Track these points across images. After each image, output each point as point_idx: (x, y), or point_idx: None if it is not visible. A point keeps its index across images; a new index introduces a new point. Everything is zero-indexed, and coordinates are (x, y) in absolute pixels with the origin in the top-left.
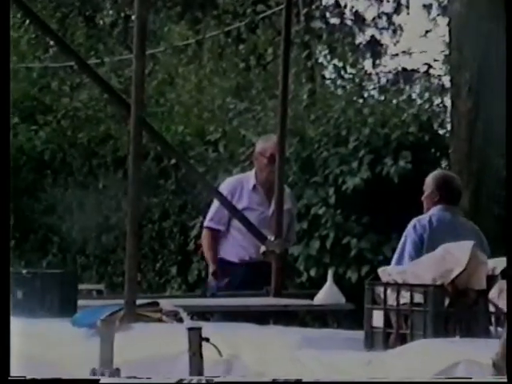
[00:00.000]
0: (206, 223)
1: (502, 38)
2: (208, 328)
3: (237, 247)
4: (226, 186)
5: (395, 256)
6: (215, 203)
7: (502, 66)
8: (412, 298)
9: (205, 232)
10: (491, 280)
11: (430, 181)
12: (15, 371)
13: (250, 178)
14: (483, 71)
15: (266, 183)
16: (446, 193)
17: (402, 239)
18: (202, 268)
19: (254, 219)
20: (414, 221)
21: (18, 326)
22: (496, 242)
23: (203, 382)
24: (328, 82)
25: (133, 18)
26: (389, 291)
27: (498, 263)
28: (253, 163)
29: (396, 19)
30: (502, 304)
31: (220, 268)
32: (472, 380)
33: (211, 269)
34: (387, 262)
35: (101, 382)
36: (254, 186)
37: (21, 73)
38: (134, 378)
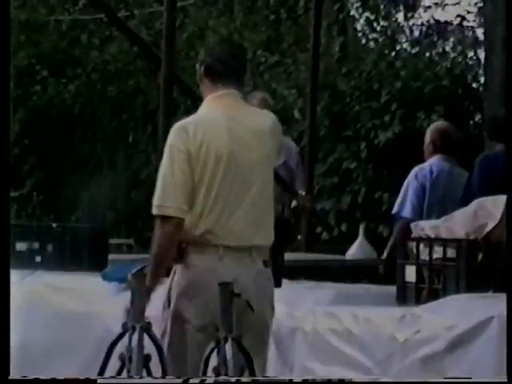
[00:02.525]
0: None
1: None
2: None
3: None
4: None
5: (397, 202)
6: None
7: None
8: (445, 252)
9: None
10: None
11: (428, 132)
12: (46, 324)
13: None
14: None
15: None
16: (443, 144)
17: (404, 186)
18: None
19: None
20: (415, 169)
21: (49, 278)
22: None
23: (208, 381)
24: (360, 34)
25: None
26: (421, 246)
27: None
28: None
29: None
30: None
31: None
32: (472, 380)
33: None
34: None
35: (98, 381)
36: None
37: (50, 25)
38: (134, 377)
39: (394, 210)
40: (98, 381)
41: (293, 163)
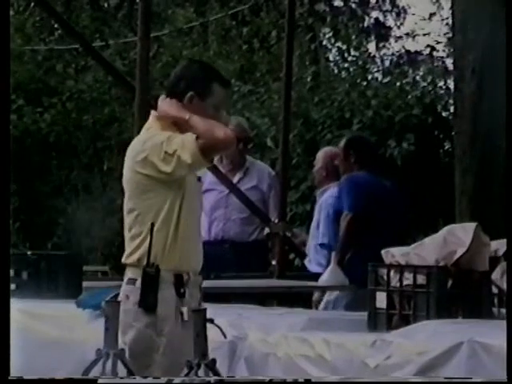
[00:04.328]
0: None
1: (506, 19)
2: (213, 309)
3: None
4: None
5: (322, 232)
6: None
7: (505, 48)
8: (415, 279)
9: None
10: (494, 261)
11: (320, 157)
12: (20, 351)
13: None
14: (487, 53)
15: (230, 164)
16: (337, 169)
17: (324, 216)
18: None
19: (212, 198)
20: (332, 198)
21: (23, 307)
22: (499, 224)
23: (211, 381)
24: (332, 64)
25: (137, 0)
26: (392, 273)
27: (501, 245)
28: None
29: (400, 2)
30: (505, 285)
31: None
32: (472, 380)
33: None
34: None
35: (99, 381)
36: (214, 166)
37: (26, 55)
38: (133, 377)
39: (323, 241)
40: (99, 381)
41: (264, 187)
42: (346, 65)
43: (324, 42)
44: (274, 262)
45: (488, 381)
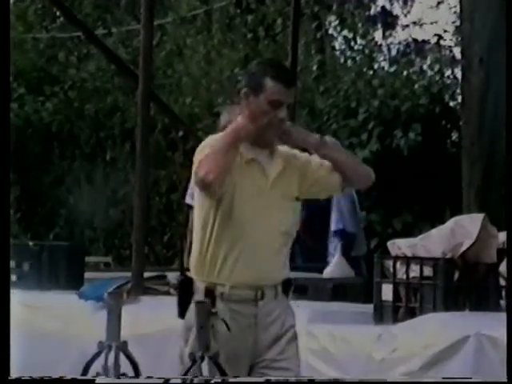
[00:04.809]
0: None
1: None
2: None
3: None
4: None
5: (335, 218)
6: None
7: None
8: (422, 271)
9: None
10: (502, 253)
11: None
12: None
13: None
14: (494, 43)
15: None
16: None
17: (335, 201)
18: None
19: None
20: None
21: (24, 297)
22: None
23: (215, 381)
24: (338, 53)
25: None
26: (398, 264)
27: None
28: None
29: None
30: None
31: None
32: (472, 380)
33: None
34: (397, 235)
35: (97, 381)
36: None
37: (28, 43)
38: (133, 377)
39: (338, 227)
40: (97, 380)
41: None
42: (353, 54)
43: (330, 31)
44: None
45: (488, 381)
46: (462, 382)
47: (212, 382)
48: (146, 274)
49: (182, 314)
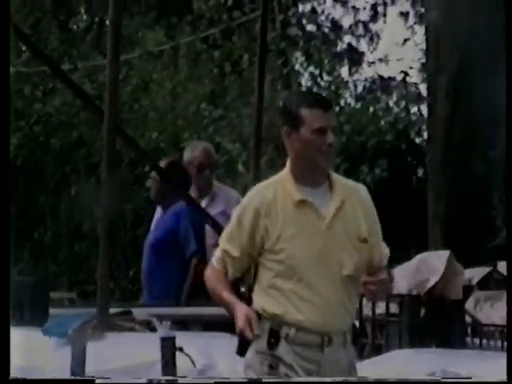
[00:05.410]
0: None
1: (479, 45)
2: (182, 337)
3: None
4: None
5: None
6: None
7: (478, 72)
8: (388, 308)
9: None
10: (468, 290)
11: None
12: None
13: None
14: (460, 78)
15: (197, 191)
16: None
17: None
18: None
19: None
20: None
21: None
22: (471, 251)
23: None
24: (304, 89)
25: (107, 22)
26: (364, 301)
27: (475, 273)
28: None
29: (373, 27)
30: (479, 315)
31: None
32: (472, 380)
33: None
34: None
35: (96, 382)
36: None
37: None
38: (132, 378)
39: None
40: (96, 381)
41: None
42: (319, 90)
43: (296, 67)
44: (243, 289)
45: (488, 381)
46: (461, 382)
47: (212, 382)
48: (112, 310)
49: (242, 351)
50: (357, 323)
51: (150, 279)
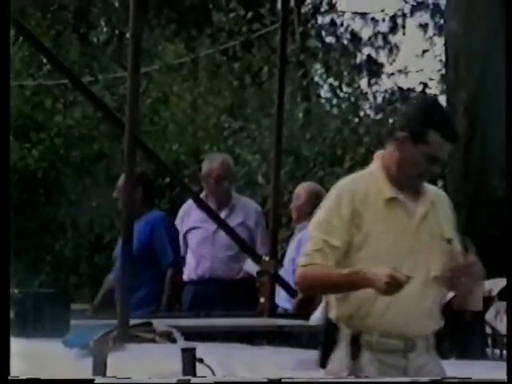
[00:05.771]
0: None
1: (499, 57)
2: (202, 349)
3: (187, 267)
4: (180, 211)
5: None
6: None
7: (498, 85)
8: None
9: None
10: (488, 301)
11: (304, 192)
12: None
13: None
14: (479, 91)
15: (216, 203)
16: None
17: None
18: None
19: (198, 236)
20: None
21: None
22: (491, 262)
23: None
24: (323, 101)
25: (127, 35)
26: None
27: (495, 284)
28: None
29: (392, 38)
30: (499, 326)
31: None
32: (472, 380)
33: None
34: None
35: (96, 381)
36: (202, 202)
37: (14, 90)
38: (130, 378)
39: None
40: (96, 381)
41: (251, 223)
42: (338, 101)
43: (316, 79)
44: (262, 300)
45: (488, 381)
46: (461, 382)
47: (212, 382)
48: (132, 322)
49: (323, 362)
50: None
51: None
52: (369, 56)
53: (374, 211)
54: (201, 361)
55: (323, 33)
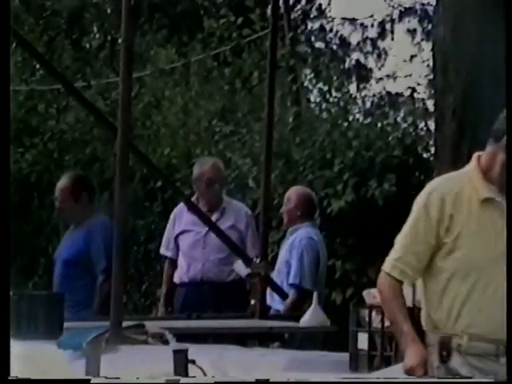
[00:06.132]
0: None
1: (487, 61)
2: (194, 350)
3: (179, 269)
4: (172, 214)
5: (295, 273)
6: (166, 229)
7: (486, 89)
8: None
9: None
10: None
11: (294, 195)
12: None
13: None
14: (468, 95)
15: (206, 205)
16: (310, 210)
17: (298, 256)
18: None
19: (190, 239)
20: (304, 239)
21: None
22: None
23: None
24: (313, 105)
25: (119, 41)
26: (374, 314)
27: None
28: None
29: (381, 44)
30: None
31: (170, 292)
32: (472, 380)
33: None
34: (372, 284)
35: (92, 381)
36: (193, 205)
37: None
38: (119, 378)
39: (294, 281)
40: (92, 380)
41: (242, 226)
42: (328, 106)
43: (305, 83)
44: (252, 302)
45: (488, 381)
46: (461, 382)
47: (212, 382)
48: (125, 323)
49: (407, 372)
50: (366, 336)
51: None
52: (358, 61)
53: (467, 211)
54: (193, 362)
55: (313, 38)
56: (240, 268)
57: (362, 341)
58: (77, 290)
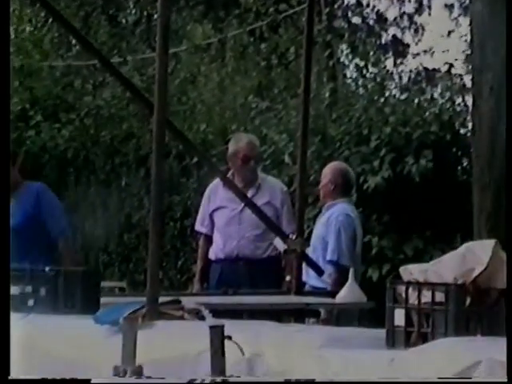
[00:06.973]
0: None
1: None
2: (230, 326)
3: (214, 246)
4: (207, 190)
5: (332, 249)
6: (201, 206)
7: None
8: (433, 296)
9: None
10: None
11: (328, 172)
12: (37, 369)
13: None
14: (505, 72)
15: (242, 181)
16: (347, 186)
17: (335, 233)
18: None
19: (225, 216)
20: (342, 215)
21: (41, 322)
22: None
23: (217, 381)
24: (349, 81)
25: (155, 16)
26: (410, 290)
27: None
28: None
29: (418, 19)
30: None
31: (206, 268)
32: (472, 380)
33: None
34: (408, 260)
35: (92, 381)
36: (229, 181)
37: (44, 71)
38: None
39: (332, 258)
40: (92, 381)
41: (277, 202)
42: (364, 81)
43: (342, 59)
44: (288, 278)
45: (488, 381)
46: (461, 382)
47: (212, 382)
48: (161, 299)
49: None
50: (402, 312)
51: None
52: (394, 36)
53: None
54: (229, 338)
55: (349, 13)
56: (280, 244)
57: (399, 317)
58: (29, 257)
